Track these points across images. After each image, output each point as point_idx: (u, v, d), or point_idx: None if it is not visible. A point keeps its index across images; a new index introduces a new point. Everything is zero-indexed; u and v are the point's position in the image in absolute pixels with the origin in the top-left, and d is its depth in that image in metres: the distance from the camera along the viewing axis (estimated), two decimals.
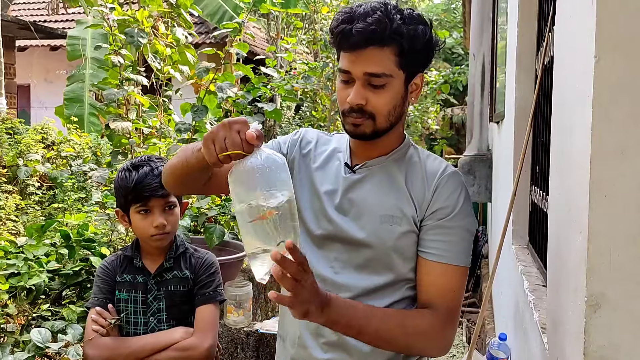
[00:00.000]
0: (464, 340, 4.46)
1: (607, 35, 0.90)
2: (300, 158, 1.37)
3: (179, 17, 3.62)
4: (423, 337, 1.21)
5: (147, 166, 1.71)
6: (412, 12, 1.20)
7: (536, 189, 2.28)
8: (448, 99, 12.23)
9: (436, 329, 1.21)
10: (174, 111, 3.81)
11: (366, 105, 1.19)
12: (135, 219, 1.72)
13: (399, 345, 1.21)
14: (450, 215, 1.22)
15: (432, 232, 1.22)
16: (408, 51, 1.17)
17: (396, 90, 1.20)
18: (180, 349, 1.67)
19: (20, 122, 5.91)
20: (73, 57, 5.94)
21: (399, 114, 1.24)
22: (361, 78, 1.18)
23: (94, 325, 1.65)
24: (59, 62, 11.12)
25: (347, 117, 1.22)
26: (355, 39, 1.15)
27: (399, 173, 1.27)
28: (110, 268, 1.76)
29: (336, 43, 1.21)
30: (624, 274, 0.92)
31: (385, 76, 1.17)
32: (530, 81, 2.55)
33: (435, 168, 1.27)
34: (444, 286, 1.22)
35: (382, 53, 1.16)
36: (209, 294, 1.75)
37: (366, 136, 1.23)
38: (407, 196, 1.24)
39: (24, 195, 4.54)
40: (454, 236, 1.22)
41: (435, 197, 1.23)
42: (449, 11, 15.82)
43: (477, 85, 4.52)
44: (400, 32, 1.15)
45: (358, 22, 1.14)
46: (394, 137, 1.29)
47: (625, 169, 0.91)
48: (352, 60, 1.18)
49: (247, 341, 2.96)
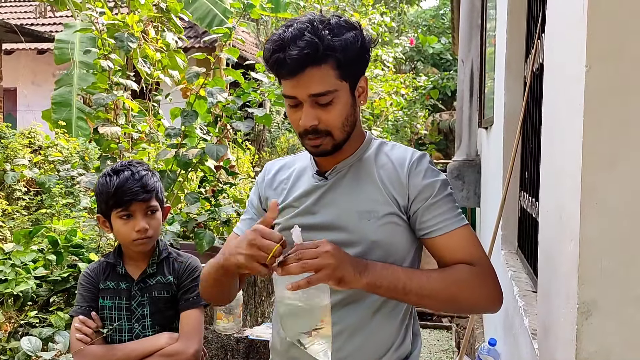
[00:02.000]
0: (454, 345, 4.48)
1: (598, 44, 0.91)
2: (271, 191, 1.40)
3: (169, 22, 3.61)
4: (466, 285, 1.20)
5: (128, 171, 1.70)
6: (339, 20, 1.22)
7: (525, 194, 2.29)
8: (436, 104, 12.30)
9: (478, 277, 1.21)
10: (163, 116, 3.79)
11: (319, 125, 1.21)
12: (117, 224, 1.70)
13: (444, 299, 1.20)
14: (434, 193, 1.25)
15: (427, 212, 1.25)
16: (345, 62, 1.18)
17: (344, 102, 1.22)
18: (166, 354, 1.66)
19: (7, 126, 5.86)
20: (61, 60, 5.88)
21: (352, 122, 1.26)
22: (307, 100, 1.19)
23: (77, 334, 1.64)
24: (46, 65, 11.04)
25: (304, 139, 1.25)
26: (292, 65, 1.15)
27: (369, 168, 1.30)
28: (92, 275, 1.75)
29: (274, 71, 1.22)
30: (615, 281, 0.93)
31: (329, 93, 1.19)
32: (519, 87, 2.57)
33: (402, 156, 1.30)
34: (462, 248, 1.24)
35: (320, 72, 1.17)
36: (193, 298, 1.74)
37: (329, 152, 1.26)
38: (380, 188, 1.27)
39: (10, 201, 4.49)
40: (444, 206, 1.25)
41: (412, 183, 1.26)
42: (438, 17, 15.90)
43: (466, 91, 4.54)
44: (333, 47, 1.16)
45: (290, 49, 1.15)
46: (354, 139, 1.31)
47: (617, 176, 0.91)
48: (294, 85, 1.19)
49: (237, 347, 2.95)
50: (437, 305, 1.21)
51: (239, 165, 6.07)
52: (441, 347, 4.48)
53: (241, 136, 6.31)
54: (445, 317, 5.05)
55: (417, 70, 13.81)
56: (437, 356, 4.30)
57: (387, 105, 9.18)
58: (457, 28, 6.59)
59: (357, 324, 1.28)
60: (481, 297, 1.22)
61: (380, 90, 9.02)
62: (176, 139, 3.29)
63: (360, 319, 1.28)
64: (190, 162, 3.22)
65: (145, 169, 1.74)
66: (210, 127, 3.41)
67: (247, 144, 7.03)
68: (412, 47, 12.09)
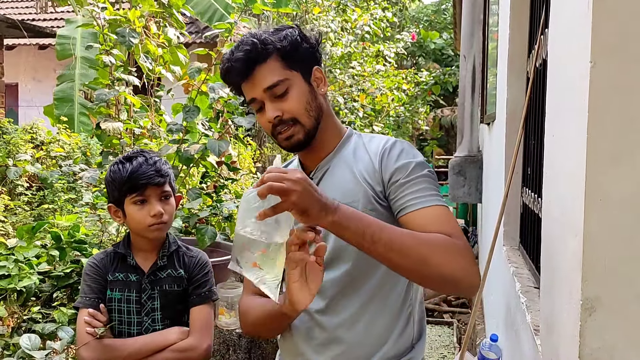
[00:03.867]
0: (455, 340, 4.48)
1: (603, 40, 0.91)
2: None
3: (171, 17, 3.60)
4: (440, 250, 1.14)
5: (141, 157, 1.70)
6: (281, 25, 1.34)
7: (527, 190, 2.29)
8: (438, 100, 12.28)
9: (454, 245, 1.16)
10: (165, 111, 3.79)
11: (284, 115, 1.27)
12: (131, 211, 1.69)
13: (414, 258, 1.12)
14: (407, 173, 1.25)
15: (399, 191, 1.25)
16: (288, 52, 1.27)
17: (300, 88, 1.29)
18: (179, 350, 1.66)
19: (9, 121, 5.86)
20: (63, 56, 5.88)
21: (317, 108, 1.31)
22: (265, 96, 1.27)
23: (88, 328, 1.61)
24: (47, 61, 11.03)
25: (277, 136, 1.30)
26: (239, 67, 1.26)
27: (348, 162, 1.33)
28: (100, 266, 1.72)
29: (230, 82, 1.32)
30: (619, 277, 0.93)
31: (281, 82, 1.26)
32: (522, 83, 2.57)
33: (377, 144, 1.33)
34: (436, 223, 1.19)
35: (268, 66, 1.26)
36: (204, 294, 1.74)
37: (303, 142, 1.30)
38: (359, 181, 1.29)
39: (12, 196, 4.49)
40: (419, 185, 1.24)
41: (384, 166, 1.28)
42: (439, 12, 15.86)
43: (468, 87, 4.53)
44: (272, 41, 1.26)
45: (234, 55, 1.27)
46: (331, 134, 1.36)
47: (621, 173, 0.91)
48: (249, 87, 1.29)
49: (238, 343, 2.96)
50: (404, 263, 1.12)
51: (241, 161, 6.07)
52: (442, 343, 4.49)
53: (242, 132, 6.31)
54: (446, 313, 5.05)
55: (419, 65, 13.79)
56: (439, 352, 4.30)
57: (388, 100, 9.16)
58: (459, 23, 6.57)
59: (355, 315, 1.29)
60: (455, 267, 1.14)
61: (381, 85, 9.00)
62: (178, 135, 3.29)
63: (357, 309, 1.29)
64: (192, 157, 3.22)
65: (157, 156, 1.75)
66: (212, 123, 3.41)
67: (248, 140, 7.03)
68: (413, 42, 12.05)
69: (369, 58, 9.03)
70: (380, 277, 1.29)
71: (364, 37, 8.99)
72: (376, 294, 1.30)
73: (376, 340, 1.30)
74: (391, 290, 1.31)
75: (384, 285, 1.30)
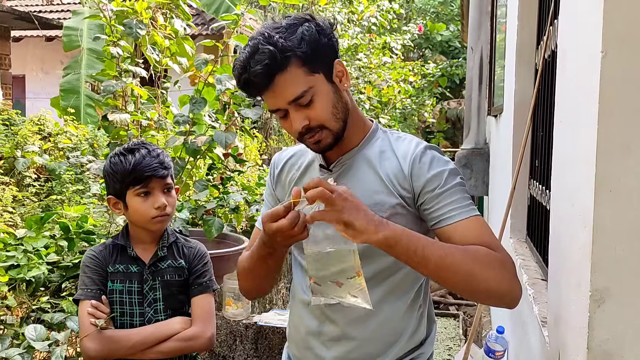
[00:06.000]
0: (461, 333, 4.49)
1: (614, 30, 0.90)
2: (280, 187, 1.42)
3: (178, 9, 3.59)
4: (487, 265, 1.13)
5: (144, 149, 1.69)
6: (289, 20, 1.21)
7: (535, 182, 2.28)
8: (444, 92, 12.23)
9: (499, 260, 1.15)
10: (172, 103, 3.80)
11: (311, 123, 1.21)
12: (134, 203, 1.68)
13: (463, 274, 1.11)
14: (441, 183, 1.22)
15: (435, 201, 1.22)
16: (309, 55, 1.18)
17: (325, 93, 1.22)
18: (183, 339, 1.67)
19: (16, 113, 5.88)
20: (69, 47, 5.89)
21: (343, 107, 1.25)
22: (290, 106, 1.20)
23: (92, 319, 1.61)
24: (54, 52, 11.06)
25: (304, 140, 1.26)
26: (259, 80, 1.17)
27: (373, 160, 1.29)
28: (100, 258, 1.71)
29: (249, 94, 1.26)
30: (628, 269, 0.92)
31: (306, 92, 1.19)
32: (530, 75, 2.55)
33: (406, 147, 1.28)
34: (475, 236, 1.18)
35: (289, 75, 1.17)
36: (205, 283, 1.75)
37: (332, 145, 1.26)
38: (384, 181, 1.25)
39: (20, 187, 4.51)
40: (454, 196, 1.21)
41: (416, 174, 1.24)
42: (446, 4, 15.76)
43: (475, 79, 4.51)
44: (289, 47, 1.16)
45: (251, 67, 1.16)
46: (356, 127, 1.31)
47: (631, 164, 0.91)
48: (272, 97, 1.21)
49: (245, 333, 2.97)
50: (454, 279, 1.12)
51: (247, 153, 6.07)
52: (448, 335, 4.50)
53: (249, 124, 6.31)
54: (452, 305, 5.06)
55: (425, 57, 13.71)
56: (444, 344, 4.31)
57: (395, 93, 9.13)
58: (466, 15, 6.53)
59: (368, 312, 1.25)
60: (501, 281, 1.13)
61: (388, 77, 8.97)
62: (185, 127, 3.30)
63: None
64: (198, 149, 3.22)
65: (159, 148, 1.75)
66: (219, 115, 3.41)
67: (255, 132, 7.03)
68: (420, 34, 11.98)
69: (375, 50, 9.00)
70: (397, 277, 1.28)
71: (371, 29, 8.95)
72: (391, 293, 1.29)
73: (388, 338, 1.30)
74: (406, 290, 1.30)
75: (399, 285, 1.29)
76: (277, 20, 1.23)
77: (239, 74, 1.20)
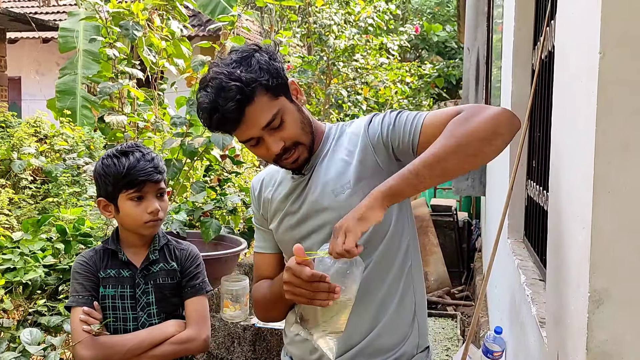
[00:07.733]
0: (459, 333, 4.49)
1: (613, 31, 0.90)
2: (262, 208, 1.48)
3: (174, 10, 3.59)
4: (461, 128, 1.16)
5: (138, 152, 1.67)
6: (242, 51, 1.28)
7: (532, 183, 2.28)
8: (441, 93, 12.24)
9: (463, 116, 1.19)
10: (168, 105, 3.79)
11: (286, 143, 1.29)
12: (126, 207, 1.66)
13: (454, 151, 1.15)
14: (390, 120, 1.31)
15: (396, 133, 1.28)
16: (269, 82, 1.25)
17: (291, 112, 1.30)
18: (178, 342, 1.66)
19: (12, 115, 5.86)
20: (65, 49, 5.87)
21: (308, 122, 1.35)
22: (263, 132, 1.27)
23: (85, 326, 1.59)
24: (50, 54, 11.04)
25: (280, 162, 1.33)
26: (233, 116, 1.23)
27: (336, 150, 1.37)
28: (90, 263, 1.69)
29: (221, 131, 1.30)
30: (627, 270, 0.92)
31: (276, 116, 1.26)
32: (527, 75, 2.55)
33: (357, 123, 1.39)
34: (441, 122, 1.22)
35: (258, 105, 1.24)
36: (198, 285, 1.74)
37: (308, 159, 1.35)
38: (346, 159, 1.33)
39: (16, 190, 4.50)
40: (404, 118, 1.30)
41: (371, 131, 1.32)
42: (443, 4, 15.78)
43: (472, 80, 4.52)
44: (253, 78, 1.23)
45: (222, 106, 1.21)
46: (318, 133, 1.39)
47: (630, 164, 0.91)
48: (244, 129, 1.26)
49: (243, 335, 2.96)
50: (455, 161, 1.15)
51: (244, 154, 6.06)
52: (446, 335, 4.50)
53: None
54: (450, 306, 5.06)
55: (422, 58, 13.73)
56: (442, 344, 4.31)
57: (392, 93, 9.14)
58: (462, 15, 6.54)
59: (372, 318, 1.33)
60: (485, 126, 1.15)
61: (385, 78, 8.98)
62: (182, 128, 3.29)
63: (374, 311, 1.33)
64: (196, 151, 3.22)
65: (152, 151, 1.73)
66: None
67: None
68: (417, 35, 11.99)
69: (372, 51, 9.00)
70: (388, 287, 1.34)
71: (367, 29, 8.95)
72: (390, 295, 1.34)
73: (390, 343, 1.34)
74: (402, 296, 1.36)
75: (394, 292, 1.35)
76: (228, 54, 1.30)
77: (210, 114, 1.24)
